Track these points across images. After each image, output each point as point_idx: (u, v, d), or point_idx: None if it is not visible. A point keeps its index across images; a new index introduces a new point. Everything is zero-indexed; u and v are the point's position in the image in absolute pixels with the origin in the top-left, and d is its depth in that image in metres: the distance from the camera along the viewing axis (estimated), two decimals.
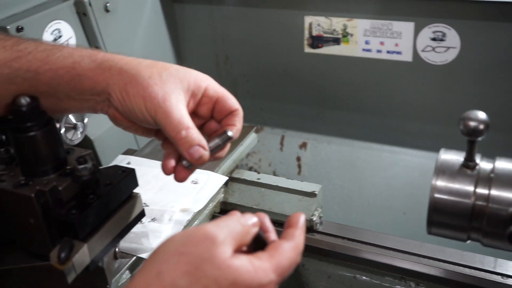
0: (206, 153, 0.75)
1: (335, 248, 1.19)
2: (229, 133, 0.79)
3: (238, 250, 0.60)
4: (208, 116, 0.82)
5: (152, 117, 0.75)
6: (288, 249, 0.61)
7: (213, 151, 0.78)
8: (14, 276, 0.83)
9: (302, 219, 0.66)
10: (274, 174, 1.76)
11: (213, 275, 0.55)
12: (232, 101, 0.81)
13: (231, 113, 0.81)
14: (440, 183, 0.74)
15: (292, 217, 0.66)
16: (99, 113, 0.81)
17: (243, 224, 0.61)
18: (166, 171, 0.79)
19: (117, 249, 0.95)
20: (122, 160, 1.32)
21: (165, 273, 0.55)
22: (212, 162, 0.91)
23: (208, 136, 0.82)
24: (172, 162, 0.79)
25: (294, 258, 0.62)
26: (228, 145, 0.82)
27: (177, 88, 0.76)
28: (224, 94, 0.81)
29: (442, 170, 0.75)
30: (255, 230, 0.62)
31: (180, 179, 0.79)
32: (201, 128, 0.82)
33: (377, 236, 1.21)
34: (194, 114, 0.81)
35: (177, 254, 0.56)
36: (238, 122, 0.81)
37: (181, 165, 0.78)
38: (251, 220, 0.62)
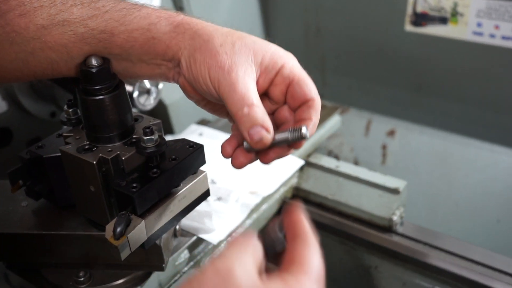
0: (268, 136, 0.66)
1: (414, 254, 1.08)
2: (303, 130, 0.66)
3: (260, 271, 0.54)
4: (281, 101, 0.73)
5: (216, 89, 0.68)
6: (312, 254, 0.55)
7: (278, 144, 0.68)
8: (71, 242, 0.81)
9: (303, 217, 0.59)
10: (355, 161, 1.65)
11: None
12: (308, 88, 0.70)
13: (306, 102, 0.70)
14: None
15: (293, 213, 0.60)
16: (172, 82, 0.75)
17: (252, 252, 0.54)
18: (224, 153, 0.72)
19: (177, 227, 0.91)
20: (195, 130, 1.27)
21: None
22: None
23: (278, 127, 0.72)
24: (232, 145, 0.71)
25: (320, 259, 0.56)
26: (302, 143, 0.70)
27: (248, 60, 0.68)
28: (301, 78, 0.70)
29: None
30: (259, 244, 0.56)
31: (236, 164, 0.71)
32: (272, 114, 0.74)
33: (464, 246, 1.09)
34: (265, 96, 0.73)
35: None
36: (314, 115, 0.69)
37: (240, 149, 0.70)
38: (258, 245, 0.56)
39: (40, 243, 0.82)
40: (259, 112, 0.66)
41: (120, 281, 0.84)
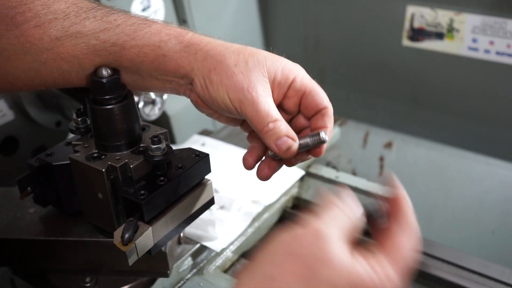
0: (295, 144, 0.70)
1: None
2: (322, 135, 0.70)
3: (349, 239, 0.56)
4: (295, 111, 0.76)
5: (236, 108, 0.71)
6: (408, 244, 0.57)
7: (300, 150, 0.72)
8: (78, 248, 0.83)
9: (408, 204, 0.60)
10: (353, 172, 1.67)
11: (330, 278, 0.51)
12: (320, 97, 0.74)
13: (319, 111, 0.74)
14: None
15: (398, 200, 0.60)
16: (182, 95, 0.77)
17: (350, 218, 0.56)
18: (247, 165, 0.76)
19: (181, 234, 0.92)
20: (197, 141, 1.29)
21: (279, 278, 0.51)
22: None
23: (296, 134, 0.76)
24: (254, 156, 0.75)
25: (413, 252, 0.57)
26: (323, 146, 0.72)
27: (264, 78, 0.71)
28: (312, 89, 0.74)
29: None
30: (362, 223, 0.58)
31: (262, 177, 0.75)
32: (289, 123, 0.77)
33: (460, 256, 1.10)
34: (280, 107, 0.75)
35: (289, 256, 0.52)
36: (328, 123, 0.73)
37: (264, 162, 0.75)
38: (358, 212, 0.58)
39: (47, 249, 0.83)
40: (283, 125, 0.70)
41: (126, 286, 0.85)
